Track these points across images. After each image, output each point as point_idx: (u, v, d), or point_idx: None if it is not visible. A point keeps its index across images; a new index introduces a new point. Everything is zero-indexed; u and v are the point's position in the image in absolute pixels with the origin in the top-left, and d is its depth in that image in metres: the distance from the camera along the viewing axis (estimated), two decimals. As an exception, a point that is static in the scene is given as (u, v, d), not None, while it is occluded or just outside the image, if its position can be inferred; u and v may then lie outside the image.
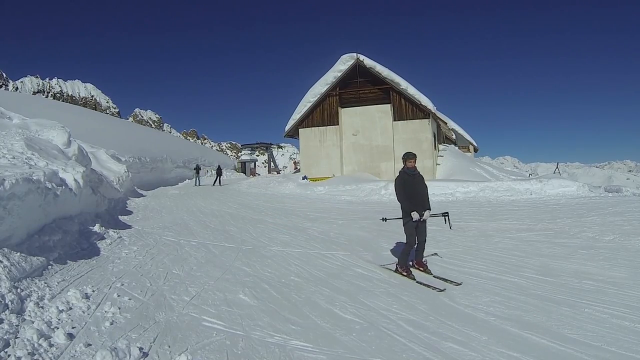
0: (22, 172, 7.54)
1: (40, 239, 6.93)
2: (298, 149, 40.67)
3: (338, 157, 30.83)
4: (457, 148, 37.19)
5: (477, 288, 6.22)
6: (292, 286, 6.50)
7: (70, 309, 4.96)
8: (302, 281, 6.77)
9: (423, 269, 7.10)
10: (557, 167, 42.87)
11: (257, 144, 56.13)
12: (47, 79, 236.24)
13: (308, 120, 31.98)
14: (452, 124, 39.62)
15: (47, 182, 8.06)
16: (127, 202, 16.00)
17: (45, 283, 5.65)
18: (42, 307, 4.86)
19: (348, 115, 31.26)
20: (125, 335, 4.44)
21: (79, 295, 5.27)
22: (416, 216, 6.77)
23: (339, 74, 30.52)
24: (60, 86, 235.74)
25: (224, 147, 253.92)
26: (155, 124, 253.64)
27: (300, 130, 32.33)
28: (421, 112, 29.12)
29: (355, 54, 29.82)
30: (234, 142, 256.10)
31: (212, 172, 37.56)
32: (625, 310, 5.08)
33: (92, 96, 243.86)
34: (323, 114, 31.58)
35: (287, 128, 32.63)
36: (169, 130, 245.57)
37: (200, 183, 30.78)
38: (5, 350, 3.84)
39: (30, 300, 4.94)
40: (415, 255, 7.21)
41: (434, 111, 28.96)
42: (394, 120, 29.74)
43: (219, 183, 31.16)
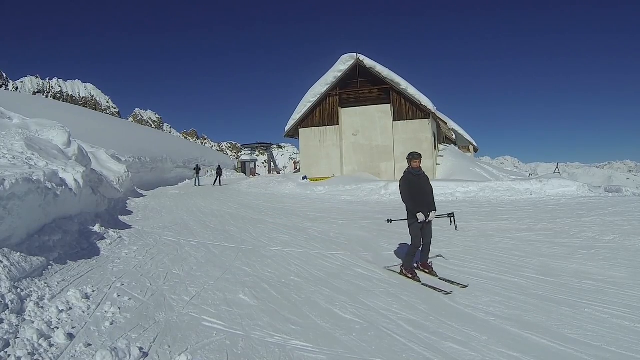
0: (22, 172, 7.54)
1: (40, 239, 6.94)
2: (298, 149, 40.67)
3: (338, 157, 30.85)
4: (457, 148, 37.20)
5: (477, 288, 6.21)
6: (292, 286, 6.50)
7: (70, 309, 4.96)
8: (302, 281, 6.77)
9: (428, 271, 6.98)
10: (557, 167, 42.89)
11: (257, 144, 56.14)
12: (47, 79, 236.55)
13: (308, 120, 31.98)
14: (452, 124, 39.65)
15: (47, 182, 8.07)
16: (127, 202, 16.01)
17: (45, 283, 5.65)
18: (42, 307, 4.86)
19: (348, 115, 31.26)
20: (125, 335, 4.44)
21: (79, 295, 5.27)
22: (422, 217, 6.69)
23: (339, 74, 30.53)
24: (60, 86, 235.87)
25: (224, 147, 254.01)
26: (155, 124, 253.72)
27: (300, 130, 32.34)
28: (421, 112, 29.13)
29: (355, 54, 29.83)
30: (234, 142, 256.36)
31: (212, 172, 37.55)
32: (626, 310, 5.08)
33: (92, 96, 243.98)
34: (323, 114, 31.58)
35: (287, 128, 32.63)
36: (169, 130, 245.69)
37: (200, 183, 30.75)
38: (5, 351, 3.84)
39: (30, 300, 4.94)
40: (420, 257, 7.11)
41: (434, 111, 28.97)
42: (394, 120, 29.75)
43: (219, 183, 31.17)
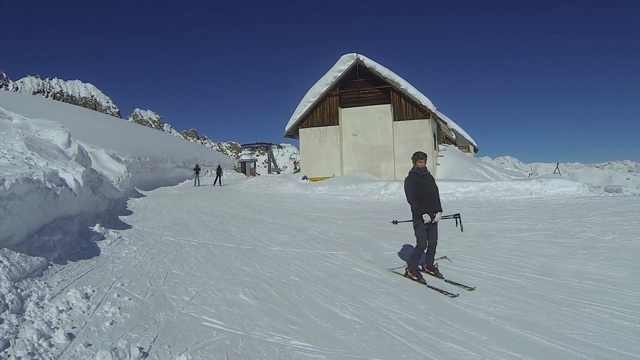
0: (22, 172, 7.54)
1: (40, 239, 6.94)
2: (298, 149, 40.64)
3: (338, 157, 30.84)
4: (457, 148, 37.19)
5: (477, 288, 6.21)
6: (292, 286, 6.50)
7: (70, 309, 4.96)
8: (302, 281, 6.77)
9: (434, 273, 6.87)
10: (557, 167, 42.90)
11: (257, 144, 56.15)
12: (47, 79, 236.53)
13: (308, 120, 31.96)
14: (452, 124, 39.64)
15: (47, 182, 8.07)
16: (127, 202, 16.01)
17: (45, 283, 5.65)
18: (42, 307, 4.86)
19: (348, 115, 31.24)
20: (125, 335, 4.44)
21: (79, 295, 5.27)
22: (427, 218, 6.59)
23: (339, 74, 30.50)
24: (60, 86, 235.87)
25: (224, 147, 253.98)
26: (155, 124, 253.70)
27: (300, 130, 32.32)
28: (421, 112, 29.11)
29: (355, 54, 29.80)
30: (234, 142, 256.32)
31: (212, 172, 37.54)
32: (626, 310, 5.08)
33: (92, 96, 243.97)
34: (323, 114, 31.57)
35: (287, 128, 32.62)
36: (169, 130, 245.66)
37: (199, 183, 30.72)
38: (5, 351, 3.84)
39: (30, 300, 4.94)
40: (425, 259, 7.01)
41: (434, 111, 28.95)
42: (394, 120, 29.73)
43: (219, 183, 31.16)
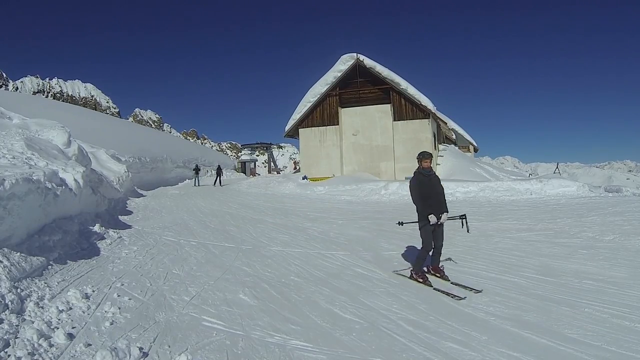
0: (22, 172, 7.54)
1: (40, 239, 6.94)
2: (298, 149, 40.63)
3: (338, 157, 30.84)
4: (457, 148, 37.20)
5: (477, 288, 6.22)
6: (292, 286, 6.50)
7: (70, 309, 4.97)
8: (302, 281, 6.77)
9: (440, 275, 6.74)
10: (557, 167, 42.89)
11: (257, 144, 56.16)
12: (47, 79, 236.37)
13: (308, 120, 31.96)
14: (452, 124, 39.64)
15: (47, 182, 8.07)
16: (127, 202, 16.00)
17: (45, 283, 5.65)
18: (42, 307, 4.86)
19: (348, 115, 31.24)
20: (125, 335, 4.44)
21: (79, 295, 5.27)
22: (433, 219, 6.44)
23: (339, 74, 30.49)
24: (60, 86, 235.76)
25: (224, 147, 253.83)
26: (155, 124, 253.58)
27: (300, 130, 32.32)
28: (421, 112, 29.11)
29: (355, 54, 29.78)
30: (234, 142, 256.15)
31: (212, 172, 37.52)
32: (626, 309, 5.08)
33: (92, 96, 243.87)
34: (323, 114, 31.57)
35: (287, 128, 32.62)
36: (169, 130, 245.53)
37: (199, 183, 30.65)
38: (5, 351, 3.84)
39: (30, 300, 4.94)
40: (431, 261, 6.90)
41: (434, 111, 28.95)
42: (394, 120, 29.73)
43: (220, 183, 31.13)
